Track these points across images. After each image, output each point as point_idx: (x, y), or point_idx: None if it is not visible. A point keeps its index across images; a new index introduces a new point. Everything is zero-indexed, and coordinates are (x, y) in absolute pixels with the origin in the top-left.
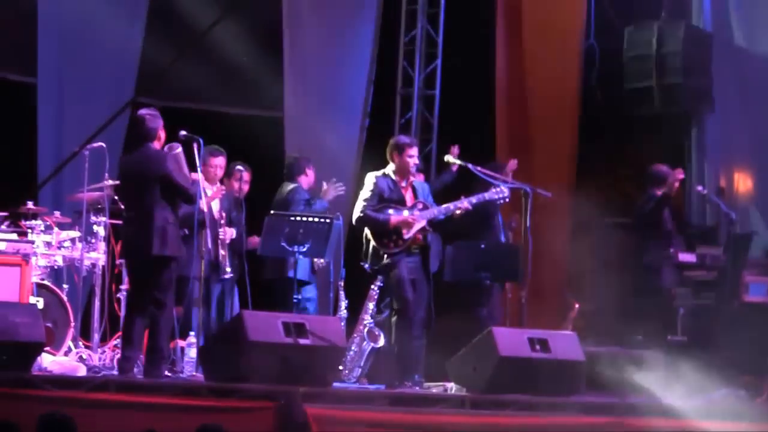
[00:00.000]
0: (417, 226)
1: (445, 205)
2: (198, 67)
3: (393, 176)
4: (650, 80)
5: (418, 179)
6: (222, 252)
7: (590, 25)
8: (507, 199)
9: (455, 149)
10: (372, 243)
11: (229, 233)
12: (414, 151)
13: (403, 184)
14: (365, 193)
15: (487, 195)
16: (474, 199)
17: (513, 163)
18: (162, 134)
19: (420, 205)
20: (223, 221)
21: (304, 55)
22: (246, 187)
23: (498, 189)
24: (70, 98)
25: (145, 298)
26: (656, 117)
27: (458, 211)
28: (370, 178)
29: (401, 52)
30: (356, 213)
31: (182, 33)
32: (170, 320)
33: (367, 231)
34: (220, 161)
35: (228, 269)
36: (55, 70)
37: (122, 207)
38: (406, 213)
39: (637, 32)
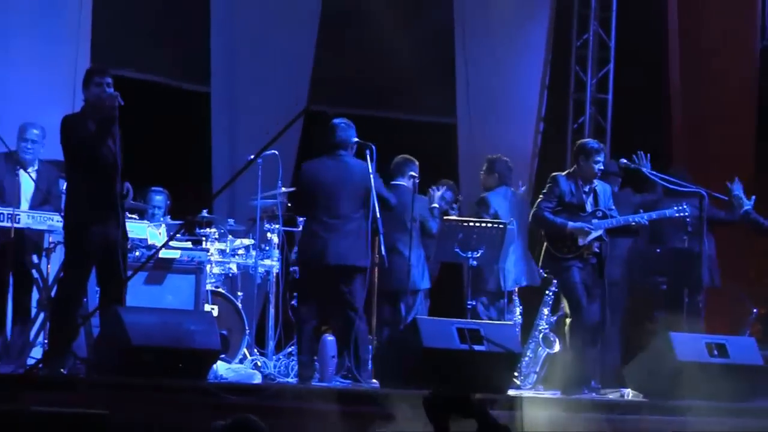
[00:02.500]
0: (593, 235)
1: (623, 217)
2: (370, 74)
3: (577, 179)
4: None
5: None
6: None
7: (765, 25)
8: (688, 218)
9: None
10: (546, 245)
11: None
12: (600, 156)
13: (586, 188)
14: (546, 193)
15: (668, 212)
16: (654, 215)
17: None
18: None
19: (599, 213)
20: None
21: (476, 61)
22: None
23: (680, 207)
24: (244, 107)
25: (329, 306)
26: None
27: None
28: (554, 178)
29: (573, 57)
30: (534, 212)
31: (355, 40)
32: (366, 330)
33: (543, 233)
34: None
35: None
36: (228, 78)
37: (303, 212)
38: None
39: None
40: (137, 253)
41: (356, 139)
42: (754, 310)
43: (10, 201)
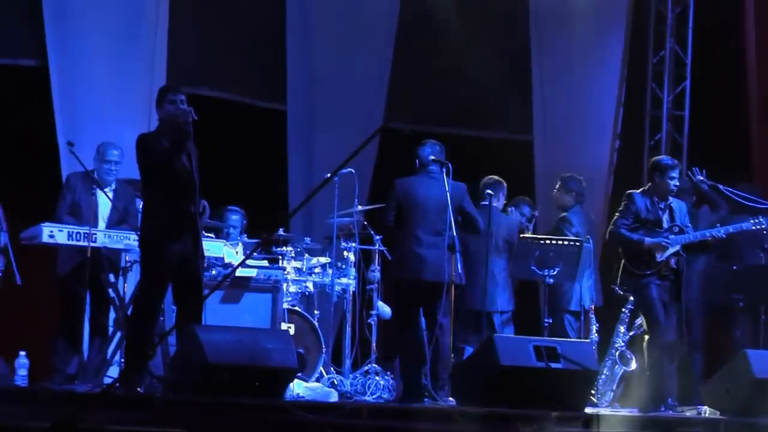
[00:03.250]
0: (671, 250)
1: (700, 231)
2: (447, 92)
3: (652, 196)
4: None
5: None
6: None
7: None
8: (765, 231)
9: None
10: (623, 262)
11: None
12: (676, 173)
13: (662, 205)
14: (622, 210)
15: (744, 225)
16: (731, 229)
17: None
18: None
19: (676, 229)
20: None
21: (552, 78)
22: None
23: (757, 220)
24: (320, 125)
25: (418, 321)
26: None
27: (712, 239)
28: (629, 196)
29: (650, 74)
30: (610, 229)
31: (431, 58)
32: (447, 348)
33: (620, 250)
34: None
35: None
36: (304, 96)
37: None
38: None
39: None
40: (214, 272)
41: (433, 157)
42: None
43: (87, 220)
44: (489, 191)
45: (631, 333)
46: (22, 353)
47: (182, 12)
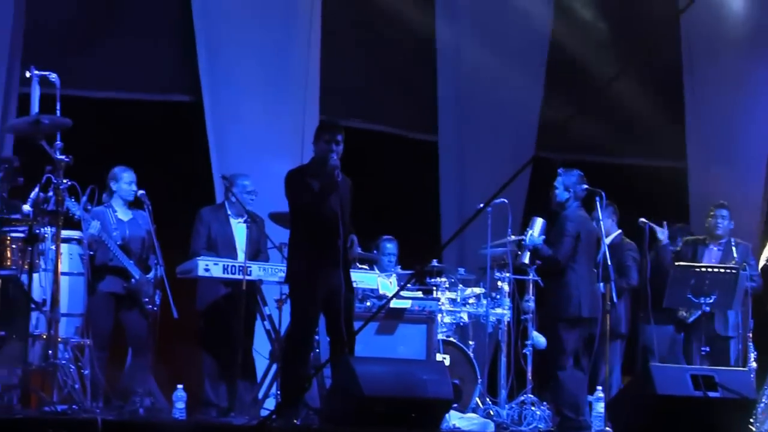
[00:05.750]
0: None
1: None
2: (598, 120)
3: None
4: None
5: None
6: None
7: None
8: None
9: None
10: None
11: None
12: None
13: None
14: None
15: None
16: None
17: None
18: None
19: None
20: None
21: (705, 103)
22: None
23: None
24: (471, 155)
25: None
26: None
27: None
28: None
29: None
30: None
31: (582, 86)
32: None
33: None
34: None
35: None
36: (455, 127)
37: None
38: None
39: None
40: (368, 303)
41: (586, 186)
42: None
43: (224, 253)
44: (643, 219)
45: None
46: (180, 386)
47: (334, 45)
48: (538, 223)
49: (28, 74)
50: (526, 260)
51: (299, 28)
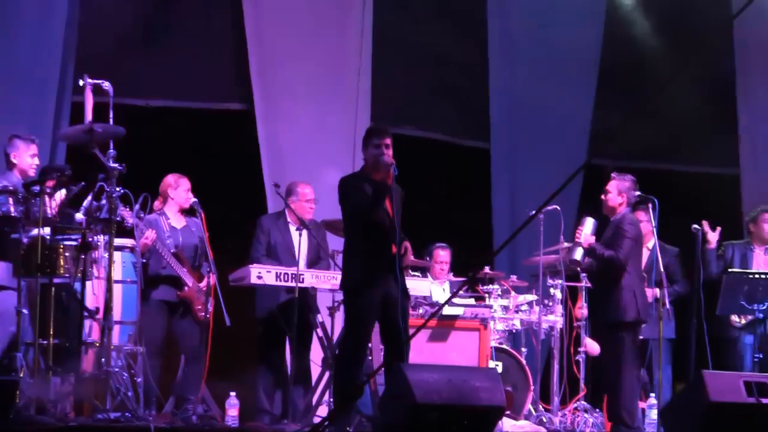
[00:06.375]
0: None
1: None
2: (650, 126)
3: None
4: None
5: None
6: None
7: None
8: None
9: None
10: None
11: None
12: None
13: None
14: None
15: None
16: None
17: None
18: None
19: None
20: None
21: (758, 108)
22: None
23: None
24: (523, 162)
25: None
26: None
27: None
28: None
29: None
30: None
31: (633, 93)
32: None
33: None
34: None
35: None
36: (507, 134)
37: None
38: None
39: None
40: (421, 311)
41: (638, 193)
42: None
43: (284, 261)
44: (696, 226)
45: None
46: (232, 394)
47: (385, 52)
48: (590, 222)
49: (81, 83)
50: (578, 256)
51: (350, 37)
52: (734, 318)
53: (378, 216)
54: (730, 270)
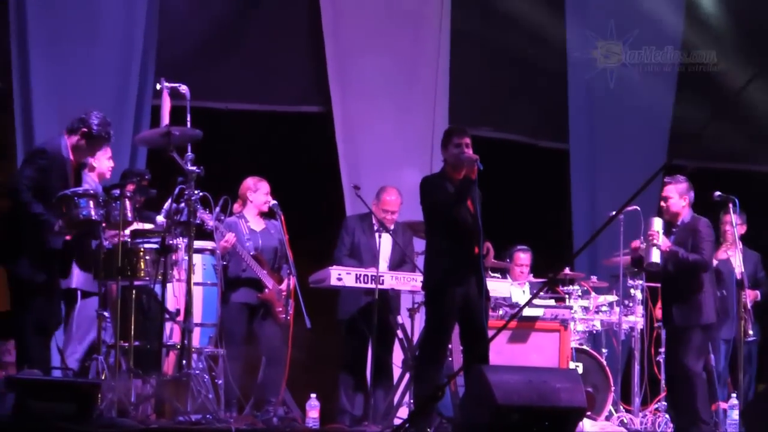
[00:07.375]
0: None
1: None
2: (730, 127)
3: None
4: None
5: None
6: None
7: None
8: None
9: None
10: None
11: (752, 295)
12: None
13: None
14: None
15: None
16: None
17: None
18: None
19: None
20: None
21: None
22: None
23: None
24: (603, 163)
25: None
26: None
27: None
28: None
29: None
30: None
31: (713, 93)
32: None
33: None
34: None
35: (750, 332)
36: (587, 135)
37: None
38: None
39: None
40: (501, 312)
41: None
42: None
43: (367, 262)
44: None
45: None
46: (313, 395)
47: (462, 54)
48: (659, 222)
49: (158, 86)
50: (657, 259)
51: (428, 38)
52: None
53: (461, 213)
54: None
